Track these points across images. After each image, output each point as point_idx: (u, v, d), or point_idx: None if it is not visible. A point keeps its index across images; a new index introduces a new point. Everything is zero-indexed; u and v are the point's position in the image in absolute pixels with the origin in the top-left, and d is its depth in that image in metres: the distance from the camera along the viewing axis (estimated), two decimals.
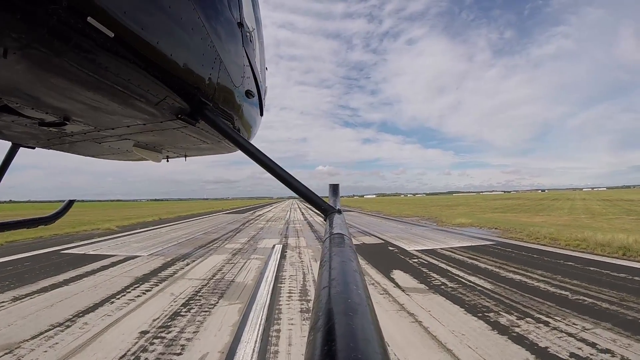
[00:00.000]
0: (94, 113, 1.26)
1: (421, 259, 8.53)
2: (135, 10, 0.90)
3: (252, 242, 12.19)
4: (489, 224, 16.76)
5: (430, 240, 11.77)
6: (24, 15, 0.69)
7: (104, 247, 11.44)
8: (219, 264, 8.21)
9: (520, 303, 4.94)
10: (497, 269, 7.19)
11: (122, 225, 20.19)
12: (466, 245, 10.46)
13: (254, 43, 2.01)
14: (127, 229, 18.14)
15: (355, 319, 0.42)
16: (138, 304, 5.23)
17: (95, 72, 0.96)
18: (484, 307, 4.81)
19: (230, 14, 1.49)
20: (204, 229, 17.56)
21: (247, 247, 10.99)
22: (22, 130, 1.47)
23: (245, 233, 15.47)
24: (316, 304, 0.51)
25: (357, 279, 0.60)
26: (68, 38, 0.80)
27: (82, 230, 16.42)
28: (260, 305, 5.02)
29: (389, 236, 13.39)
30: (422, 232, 14.51)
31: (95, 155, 2.22)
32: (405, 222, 20.64)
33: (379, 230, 16.02)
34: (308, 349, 0.38)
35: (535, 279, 6.25)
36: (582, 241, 10.11)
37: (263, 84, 2.55)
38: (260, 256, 9.29)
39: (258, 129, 2.65)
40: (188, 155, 2.43)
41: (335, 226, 1.25)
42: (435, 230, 15.11)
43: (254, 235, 14.63)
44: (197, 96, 1.35)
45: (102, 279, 6.98)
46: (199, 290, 5.91)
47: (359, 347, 0.35)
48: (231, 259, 8.96)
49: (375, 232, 15.17)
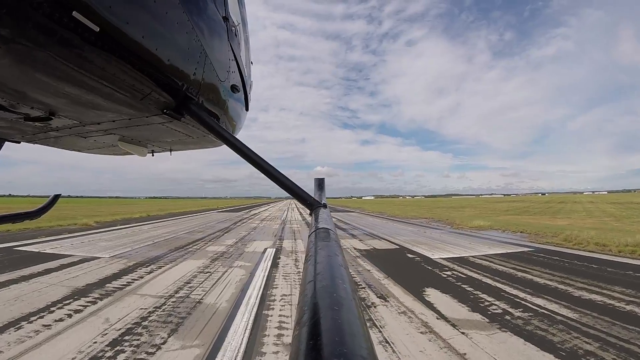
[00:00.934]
0: (79, 108, 1.26)
1: (455, 271, 6.59)
2: (120, 5, 0.90)
3: (239, 245, 10.21)
4: (510, 226, 15.01)
5: (454, 246, 9.83)
6: (9, 9, 0.69)
7: (67, 245, 9.73)
8: (190, 274, 6.24)
9: (637, 343, 3.22)
10: (562, 285, 5.34)
11: (104, 221, 18.32)
12: (500, 252, 8.62)
13: (239, 37, 2.01)
14: (106, 225, 16.36)
15: (341, 313, 0.41)
16: (46, 338, 3.39)
17: (81, 66, 0.95)
18: (596, 356, 2.91)
19: (215, 8, 1.50)
20: (189, 228, 15.61)
21: (232, 251, 9.02)
22: (6, 125, 1.44)
23: (235, 233, 13.49)
24: (301, 299, 0.51)
25: (343, 273, 0.60)
26: (53, 32, 0.80)
27: (57, 225, 14.77)
28: (229, 356, 3.05)
29: (403, 240, 11.46)
30: (440, 236, 12.60)
31: (81, 150, 2.12)
32: (414, 223, 18.74)
33: (388, 232, 14.09)
34: (294, 344, 0.38)
35: (622, 300, 4.52)
36: (636, 246, 8.40)
37: (248, 78, 2.45)
38: (246, 263, 7.31)
39: (243, 123, 2.55)
40: (173, 150, 2.30)
41: (320, 220, 1.16)
42: (454, 234, 13.20)
43: (244, 236, 12.65)
44: (183, 91, 1.34)
45: (33, 287, 5.21)
46: (146, 317, 3.97)
47: (345, 341, 0.35)
48: (209, 266, 6.99)
49: (385, 234, 13.24)
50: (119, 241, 10.67)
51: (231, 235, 12.60)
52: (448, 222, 18.87)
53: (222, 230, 14.40)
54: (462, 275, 6.23)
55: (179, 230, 14.52)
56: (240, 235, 12.65)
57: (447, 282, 5.74)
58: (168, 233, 13.23)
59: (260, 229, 15.13)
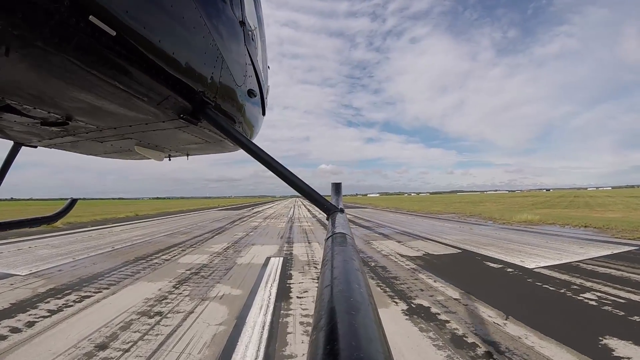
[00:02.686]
0: (96, 112, 1.24)
1: (597, 291, 3.88)
2: (137, 9, 0.89)
3: (231, 252, 7.13)
4: (565, 220, 12.42)
5: (534, 247, 7.15)
6: (26, 14, 0.68)
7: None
8: (113, 324, 3.14)
9: None
10: None
11: (78, 222, 15.43)
12: (605, 253, 6.10)
13: (256, 42, 1.98)
14: (76, 226, 13.61)
15: (358, 317, 0.41)
16: None
17: (98, 71, 0.93)
18: None
19: (232, 12, 1.49)
20: (173, 228, 12.61)
21: (217, 263, 5.94)
22: (24, 130, 1.44)
23: (229, 235, 10.43)
24: (318, 303, 0.50)
25: (359, 278, 0.59)
26: (70, 37, 0.78)
27: None
28: None
29: (456, 240, 8.41)
30: (497, 233, 9.69)
31: (97, 154, 2.10)
32: (446, 219, 15.67)
33: (426, 230, 11.01)
34: (311, 348, 0.37)
35: None
36: None
37: (265, 83, 2.41)
38: (232, 291, 4.22)
39: (260, 128, 2.48)
40: (190, 154, 2.26)
41: (337, 225, 1.11)
42: (511, 231, 10.30)
43: (240, 238, 9.58)
44: (199, 95, 1.32)
45: None
46: None
47: (361, 345, 0.34)
48: (162, 299, 3.89)
49: (425, 233, 10.19)
50: (67, 248, 7.72)
51: (223, 238, 9.53)
52: (485, 217, 15.92)
53: (214, 232, 11.35)
54: (620, 299, 3.57)
55: (159, 232, 11.52)
56: (235, 238, 9.57)
57: (613, 317, 2.94)
58: (142, 236, 10.23)
59: (262, 229, 12.04)
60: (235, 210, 30.91)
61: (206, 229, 12.15)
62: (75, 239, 9.53)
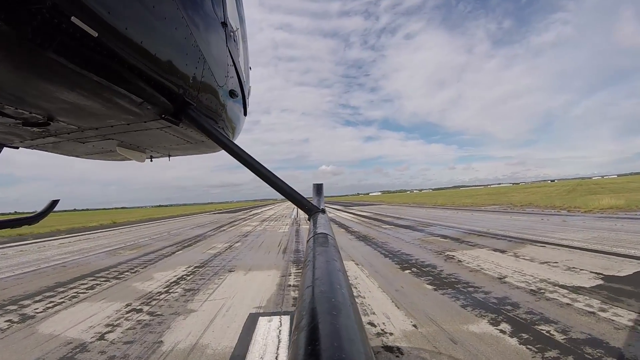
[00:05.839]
0: (77, 113, 1.21)
1: None
2: (119, 10, 0.87)
3: (177, 295, 3.58)
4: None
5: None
6: (8, 15, 0.67)
7: None
8: None
9: None
10: None
11: (32, 232, 12.18)
12: None
13: (237, 43, 1.99)
14: (15, 239, 10.54)
15: (339, 318, 0.41)
16: None
17: (79, 71, 0.91)
18: None
19: (214, 13, 1.47)
20: (131, 240, 9.22)
21: (110, 350, 2.34)
22: (5, 130, 1.39)
23: (202, 248, 6.94)
24: (300, 303, 0.49)
25: (341, 279, 0.58)
26: (52, 38, 0.76)
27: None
28: None
29: (593, 241, 4.85)
30: (611, 225, 6.17)
31: (79, 155, 2.04)
32: (504, 211, 12.49)
33: (508, 228, 7.54)
34: (292, 349, 0.37)
35: None
36: None
37: (247, 83, 2.42)
38: None
39: (242, 128, 2.48)
40: (172, 155, 2.24)
41: (319, 226, 1.11)
42: (620, 220, 6.69)
43: (215, 254, 6.05)
44: (181, 96, 1.30)
45: None
46: None
47: (343, 346, 0.34)
48: None
49: (514, 232, 6.78)
50: None
51: (188, 256, 6.00)
52: (545, 206, 13.11)
53: (183, 244, 7.84)
54: None
55: (107, 244, 8.19)
56: (206, 255, 6.00)
57: None
58: (73, 253, 6.79)
59: (255, 237, 8.46)
60: (230, 213, 27.64)
61: (175, 240, 8.68)
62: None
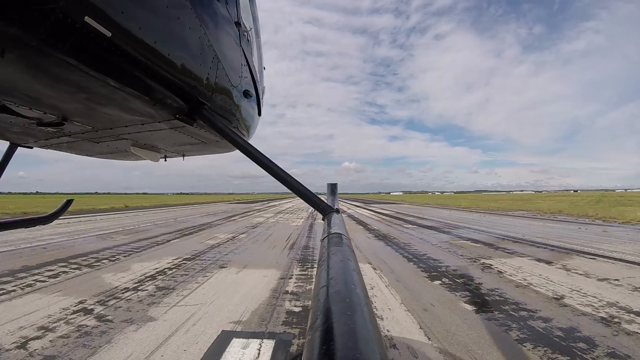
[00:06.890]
0: (91, 113, 1.20)
1: None
2: (133, 10, 0.86)
3: (143, 297, 3.29)
4: None
5: None
6: (22, 15, 0.66)
7: None
8: None
9: None
10: None
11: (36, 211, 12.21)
12: None
13: (251, 42, 1.97)
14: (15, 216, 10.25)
15: (354, 318, 0.40)
16: None
17: (93, 72, 0.90)
18: None
19: (227, 13, 1.45)
20: (134, 224, 8.97)
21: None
22: (20, 131, 1.40)
23: (201, 238, 6.57)
24: (314, 303, 0.49)
25: (355, 279, 0.56)
26: (65, 38, 0.76)
27: None
28: None
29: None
30: None
31: (93, 155, 2.07)
32: (534, 217, 11.35)
33: (545, 236, 6.67)
34: (307, 348, 0.37)
35: None
36: None
37: (261, 83, 2.38)
38: None
39: (256, 128, 2.45)
40: (186, 155, 2.23)
41: (333, 225, 1.08)
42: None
43: (212, 246, 5.62)
44: (195, 96, 1.28)
45: None
46: None
47: (357, 346, 0.34)
48: None
49: (553, 240, 6.03)
50: None
51: (183, 246, 5.60)
52: (574, 215, 12.64)
53: (184, 232, 7.50)
54: None
55: (106, 227, 7.87)
56: (202, 246, 5.58)
57: None
58: (62, 235, 6.36)
59: (264, 230, 7.90)
60: (247, 203, 27.37)
61: (178, 227, 8.38)
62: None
